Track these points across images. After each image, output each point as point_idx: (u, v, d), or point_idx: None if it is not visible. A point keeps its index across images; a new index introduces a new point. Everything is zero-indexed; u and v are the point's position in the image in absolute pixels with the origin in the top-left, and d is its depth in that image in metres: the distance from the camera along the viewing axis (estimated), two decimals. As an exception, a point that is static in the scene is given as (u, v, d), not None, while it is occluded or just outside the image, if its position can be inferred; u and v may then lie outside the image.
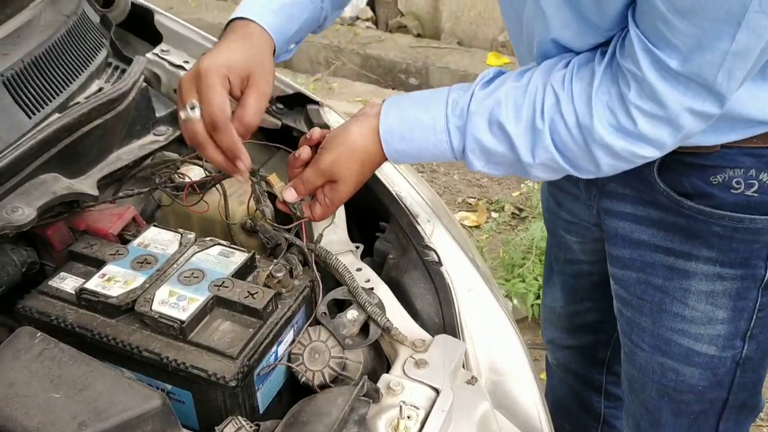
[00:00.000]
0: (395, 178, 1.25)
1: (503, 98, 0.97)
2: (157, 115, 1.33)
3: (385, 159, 1.05)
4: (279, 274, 1.05)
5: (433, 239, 1.14)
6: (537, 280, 2.56)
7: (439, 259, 1.12)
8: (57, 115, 1.06)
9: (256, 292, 1.02)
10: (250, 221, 1.16)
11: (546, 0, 0.94)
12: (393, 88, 4.24)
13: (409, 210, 1.17)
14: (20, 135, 0.99)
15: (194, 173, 1.26)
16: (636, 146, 0.93)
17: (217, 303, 1.02)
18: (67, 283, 1.08)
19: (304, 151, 1.09)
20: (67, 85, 1.12)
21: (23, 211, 0.93)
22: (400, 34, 4.51)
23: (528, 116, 0.96)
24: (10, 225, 0.91)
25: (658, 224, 1.12)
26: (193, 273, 1.06)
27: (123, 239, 1.15)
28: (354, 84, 4.25)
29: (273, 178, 1.12)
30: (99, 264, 1.08)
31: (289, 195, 1.08)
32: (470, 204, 3.27)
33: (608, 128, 0.92)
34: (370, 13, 4.65)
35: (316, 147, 1.09)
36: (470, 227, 3.09)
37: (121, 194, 1.19)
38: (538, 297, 2.52)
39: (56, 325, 1.03)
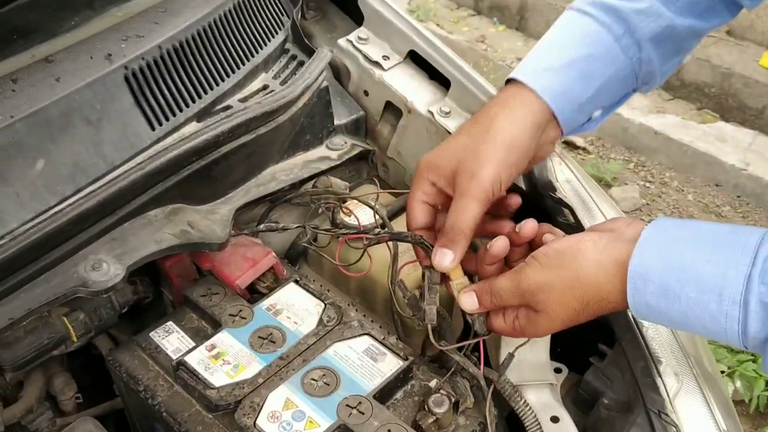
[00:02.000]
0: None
1: None
2: (336, 122, 1.02)
3: (625, 308, 0.66)
4: (439, 410, 0.73)
5: (677, 405, 0.75)
6: (774, 365, 2.02)
7: (680, 439, 0.73)
8: (194, 125, 0.78)
9: (399, 436, 0.71)
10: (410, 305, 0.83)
11: None
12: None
13: (649, 349, 0.77)
14: (131, 155, 0.72)
15: (362, 215, 0.95)
16: None
17: (344, 433, 0.73)
18: (171, 340, 0.84)
19: (499, 244, 0.73)
20: (218, 83, 0.84)
21: (107, 268, 0.67)
22: None
23: None
24: (84, 290, 0.65)
25: None
26: (324, 375, 0.77)
27: (253, 290, 0.89)
28: None
29: (456, 269, 0.78)
30: (214, 324, 0.83)
31: (469, 303, 0.74)
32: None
33: None
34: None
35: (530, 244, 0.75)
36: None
37: (262, 227, 0.91)
38: (769, 385, 2.00)
39: (143, 400, 0.79)
